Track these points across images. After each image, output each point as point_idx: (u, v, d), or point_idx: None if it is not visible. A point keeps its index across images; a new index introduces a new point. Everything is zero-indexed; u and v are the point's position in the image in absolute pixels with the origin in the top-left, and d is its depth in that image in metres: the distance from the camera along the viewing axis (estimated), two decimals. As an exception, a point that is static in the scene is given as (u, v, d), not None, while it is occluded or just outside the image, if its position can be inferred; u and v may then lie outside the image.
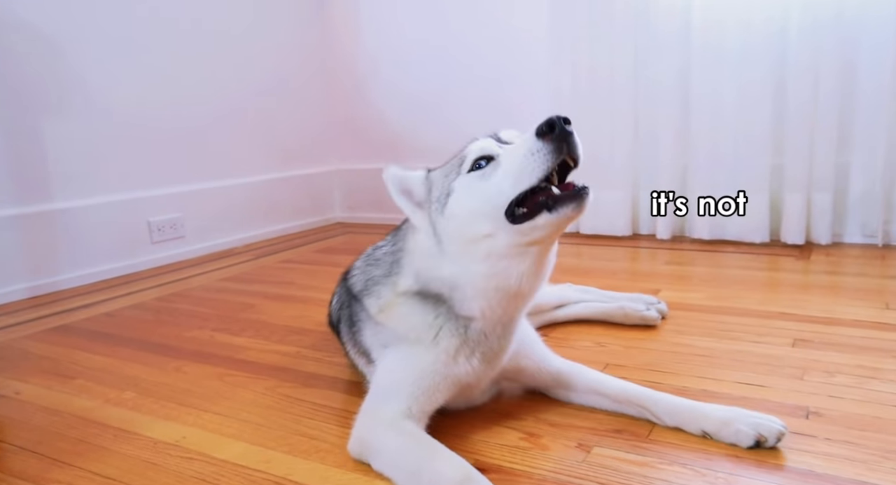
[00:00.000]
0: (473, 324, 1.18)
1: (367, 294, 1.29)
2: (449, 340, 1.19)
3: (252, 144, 3.49)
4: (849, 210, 2.63)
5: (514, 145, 1.09)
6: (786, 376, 1.43)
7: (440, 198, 1.16)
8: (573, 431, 1.24)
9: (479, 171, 1.10)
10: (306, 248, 3.29)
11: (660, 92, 2.84)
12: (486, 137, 1.18)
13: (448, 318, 1.19)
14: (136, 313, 2.24)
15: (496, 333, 1.21)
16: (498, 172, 1.07)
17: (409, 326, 1.21)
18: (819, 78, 2.50)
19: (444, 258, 1.15)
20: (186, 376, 1.64)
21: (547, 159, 1.00)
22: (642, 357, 1.60)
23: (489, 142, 1.14)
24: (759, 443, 1.13)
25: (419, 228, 1.20)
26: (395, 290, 1.25)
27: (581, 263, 2.69)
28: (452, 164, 1.17)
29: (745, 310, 1.90)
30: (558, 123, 0.99)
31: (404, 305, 1.22)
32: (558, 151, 1.00)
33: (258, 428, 1.33)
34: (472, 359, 1.20)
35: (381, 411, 1.15)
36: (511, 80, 3.29)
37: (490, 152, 1.11)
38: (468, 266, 1.12)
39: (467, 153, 1.14)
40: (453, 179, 1.14)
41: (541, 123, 1.01)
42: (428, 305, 1.20)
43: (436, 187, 1.19)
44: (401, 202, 1.21)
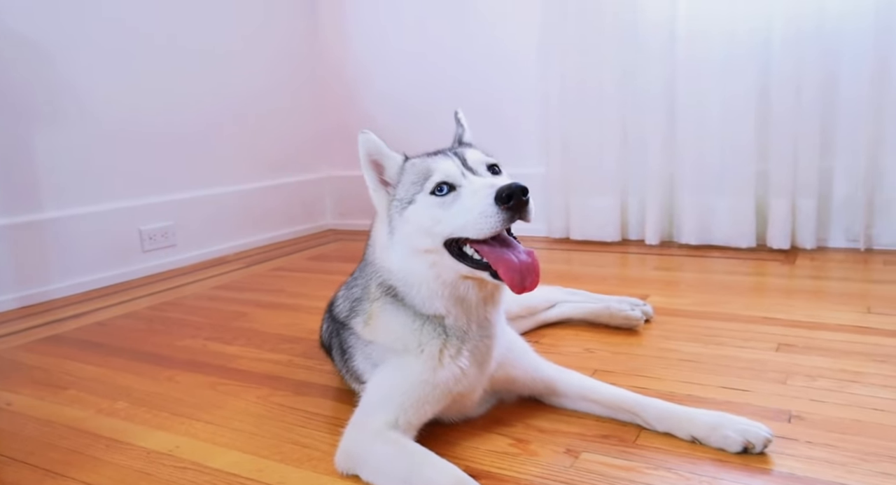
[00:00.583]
0: (448, 321, 1.22)
1: (353, 316, 1.33)
2: (431, 342, 1.21)
3: (243, 152, 3.50)
4: (832, 215, 2.68)
5: (475, 189, 1.11)
6: (769, 380, 1.46)
7: (403, 199, 1.20)
8: (562, 436, 1.26)
9: (438, 197, 1.14)
10: (298, 255, 3.30)
11: (647, 101, 2.88)
12: (454, 155, 1.20)
13: (426, 319, 1.22)
14: (128, 323, 2.25)
15: (473, 329, 1.24)
16: (453, 208, 1.12)
17: (393, 335, 1.24)
18: (801, 87, 2.55)
19: (393, 252, 1.22)
20: (179, 385, 1.65)
21: (497, 223, 1.06)
22: (630, 363, 1.62)
23: (454, 169, 1.16)
24: (746, 449, 1.16)
25: (377, 209, 1.25)
26: (371, 297, 1.28)
27: (571, 268, 2.72)
28: (420, 172, 1.19)
29: (731, 315, 1.93)
30: (516, 195, 1.04)
31: (383, 311, 1.26)
32: (510, 220, 1.06)
33: (251, 437, 1.34)
34: (459, 359, 1.21)
35: (368, 422, 1.16)
36: (501, 89, 3.33)
37: (452, 181, 1.15)
38: (414, 267, 1.19)
39: (434, 170, 1.17)
40: (416, 191, 1.18)
41: (502, 188, 1.04)
42: (404, 309, 1.23)
43: (403, 184, 1.22)
44: (367, 173, 1.25)
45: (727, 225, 2.78)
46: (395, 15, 3.62)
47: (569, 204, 3.14)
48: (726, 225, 2.78)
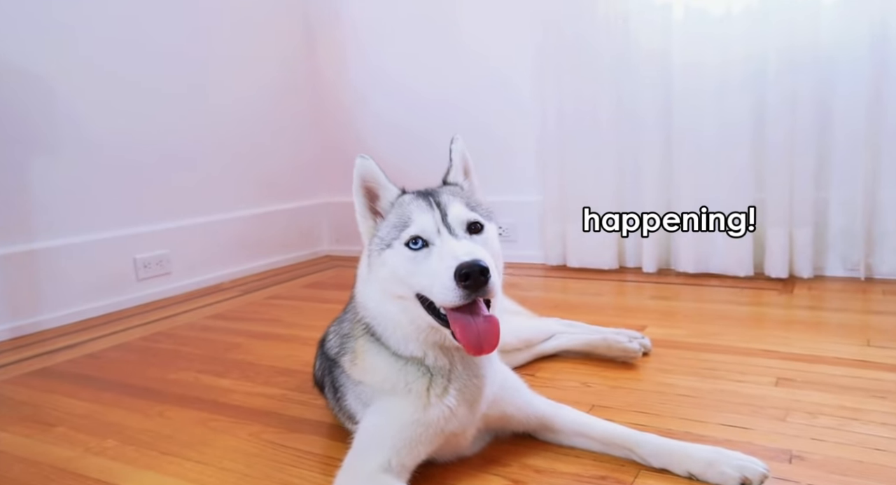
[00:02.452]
0: (427, 361, 1.21)
1: (342, 353, 1.32)
2: (417, 381, 1.20)
3: (239, 179, 3.51)
4: (829, 244, 2.68)
5: (442, 256, 1.09)
6: (769, 417, 1.44)
7: (383, 239, 1.19)
8: (558, 477, 1.24)
9: (412, 250, 1.14)
10: (294, 282, 3.28)
11: (643, 130, 2.89)
12: (436, 206, 1.18)
13: (407, 359, 1.21)
14: (120, 354, 2.22)
15: (459, 369, 1.22)
16: (423, 266, 1.12)
17: (380, 375, 1.22)
18: (796, 118, 2.57)
19: (371, 289, 1.22)
20: (169, 421, 1.62)
21: (456, 299, 1.06)
22: (627, 398, 1.60)
23: (430, 225, 1.15)
24: None
25: (362, 237, 1.25)
26: (355, 335, 1.28)
27: (568, 297, 2.70)
28: (400, 218, 1.18)
29: (729, 347, 1.91)
30: (474, 275, 1.04)
31: (367, 351, 1.25)
32: (468, 297, 1.06)
33: (241, 478, 1.31)
34: (447, 398, 1.20)
35: (360, 466, 1.14)
36: (497, 117, 3.34)
37: (427, 238, 1.14)
38: (389, 309, 1.20)
39: (411, 221, 1.16)
40: (395, 237, 1.17)
41: (461, 265, 1.04)
42: (385, 349, 1.23)
43: (387, 223, 1.21)
44: (358, 199, 1.25)
45: (724, 253, 2.77)
46: (390, 40, 3.65)
47: (565, 231, 3.14)
48: (724, 253, 2.77)
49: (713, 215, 2.76)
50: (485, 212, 1.25)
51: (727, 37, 2.65)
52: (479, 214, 1.21)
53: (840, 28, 2.50)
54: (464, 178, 1.31)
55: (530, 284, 2.94)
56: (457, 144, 1.29)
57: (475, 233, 1.18)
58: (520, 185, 3.33)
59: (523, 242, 3.35)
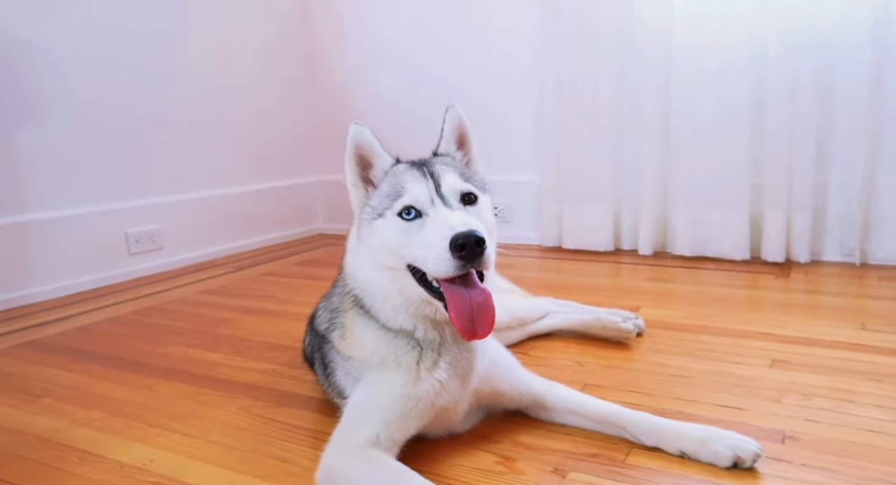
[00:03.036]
0: (417, 334, 1.19)
1: (332, 329, 1.30)
2: (407, 354, 1.18)
3: (233, 155, 3.46)
4: (827, 229, 2.66)
5: (436, 226, 1.07)
6: (763, 398, 1.43)
7: (375, 208, 1.17)
8: (549, 454, 1.23)
9: (405, 221, 1.12)
10: (287, 260, 3.25)
11: (642, 111, 2.86)
12: (429, 176, 1.15)
13: (396, 332, 1.19)
14: (111, 328, 2.20)
15: (449, 342, 1.20)
16: (416, 237, 1.09)
17: (369, 349, 1.20)
18: (797, 101, 2.53)
19: (360, 259, 1.20)
20: (158, 394, 1.61)
21: (450, 269, 1.04)
22: (621, 377, 1.59)
23: (424, 195, 1.12)
24: (736, 464, 1.14)
25: (353, 207, 1.23)
26: (344, 308, 1.25)
27: (563, 278, 2.69)
28: (394, 187, 1.16)
29: (724, 329, 1.90)
30: (469, 246, 1.02)
31: (355, 324, 1.23)
32: (463, 268, 1.04)
33: (229, 450, 1.30)
34: (437, 371, 1.18)
35: (348, 440, 1.12)
36: (496, 96, 3.30)
37: (420, 208, 1.12)
38: (378, 280, 1.17)
39: (405, 190, 1.13)
40: (387, 207, 1.15)
41: (457, 235, 1.02)
42: (374, 322, 1.21)
43: (380, 192, 1.18)
44: (350, 167, 1.22)
45: (721, 237, 2.75)
46: (389, 15, 3.58)
47: (562, 213, 3.12)
48: (720, 237, 2.76)
49: (711, 198, 2.74)
50: (479, 183, 1.22)
51: (728, 18, 2.60)
52: (474, 186, 1.18)
53: (841, 12, 2.46)
54: (456, 149, 1.28)
55: (525, 264, 2.92)
56: (450, 113, 1.25)
57: (469, 204, 1.16)
58: (517, 165, 3.30)
59: (519, 223, 3.33)
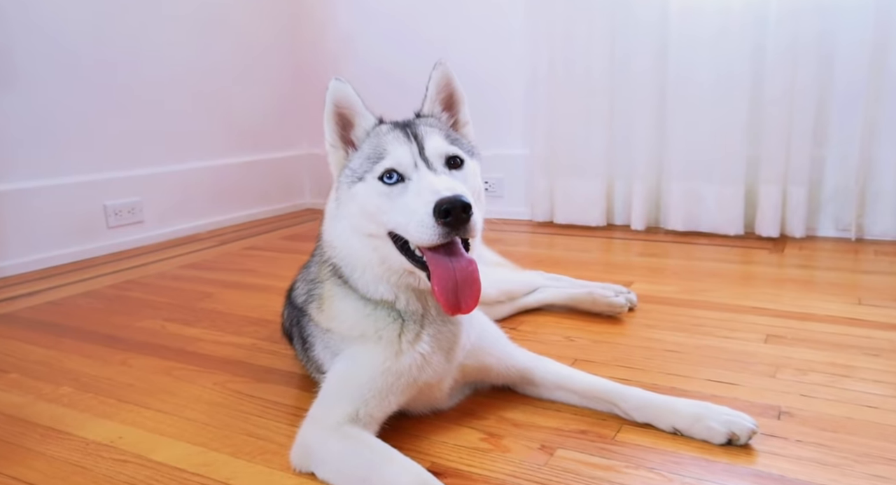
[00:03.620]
0: (399, 305, 1.13)
1: (310, 301, 1.23)
2: (388, 327, 1.12)
3: (218, 126, 3.36)
4: (823, 204, 2.61)
5: (419, 190, 1.01)
6: (758, 373, 1.39)
7: (355, 171, 1.10)
8: (536, 431, 1.18)
9: (386, 185, 1.05)
10: (273, 234, 3.18)
11: (636, 80, 2.77)
12: (413, 139, 1.08)
13: (377, 303, 1.13)
14: (86, 302, 2.13)
15: (433, 313, 1.14)
16: (398, 202, 1.03)
17: (348, 321, 1.14)
18: (797, 69, 2.46)
19: (339, 225, 1.14)
20: (131, 369, 1.54)
21: (434, 237, 0.97)
22: (612, 352, 1.54)
23: (407, 157, 1.06)
24: (730, 441, 1.09)
25: (331, 169, 1.16)
26: (323, 278, 1.19)
27: (553, 253, 2.63)
28: (375, 149, 1.09)
29: (718, 304, 1.85)
30: (455, 211, 0.95)
31: (336, 296, 1.17)
32: (447, 235, 0.97)
33: (202, 427, 1.24)
34: (419, 344, 1.12)
35: (325, 416, 1.07)
36: (488, 64, 3.19)
37: (402, 171, 1.05)
38: (357, 248, 1.11)
39: (387, 152, 1.07)
40: (367, 170, 1.08)
41: (441, 200, 0.95)
42: (353, 292, 1.15)
43: (360, 154, 1.11)
44: (329, 126, 1.15)
45: (715, 211, 2.70)
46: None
47: (553, 187, 3.05)
48: (714, 211, 2.70)
49: (706, 171, 2.68)
50: (467, 147, 1.15)
51: (728, -21, 2.51)
52: (461, 149, 1.11)
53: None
54: (443, 110, 1.20)
55: (515, 239, 2.86)
56: (437, 71, 1.17)
57: (455, 168, 1.09)
58: (507, 138, 3.22)
59: (509, 198, 3.26)
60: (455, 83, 1.19)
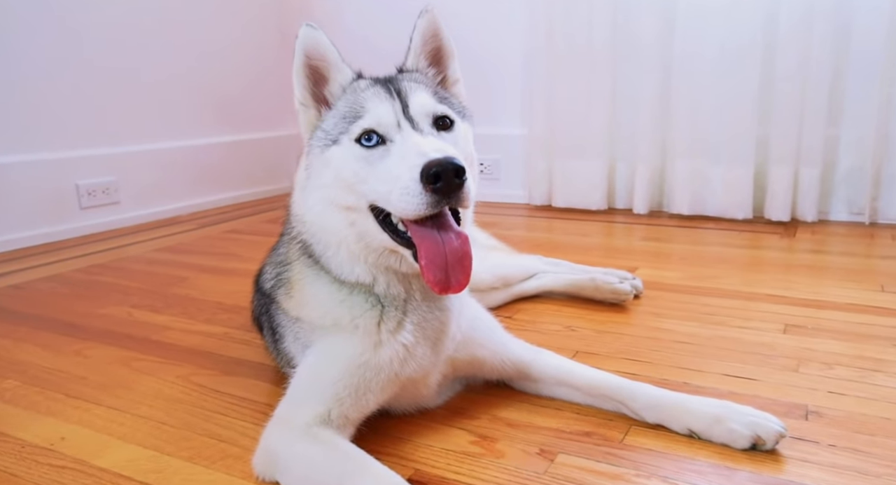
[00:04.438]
0: (378, 289, 0.99)
1: (278, 286, 1.09)
2: (365, 314, 0.98)
3: (200, 102, 3.18)
4: (835, 186, 2.47)
5: (404, 153, 0.87)
6: (779, 367, 1.26)
7: (329, 133, 0.96)
8: (534, 432, 1.05)
9: (364, 148, 0.91)
10: (256, 218, 3.02)
11: (639, 55, 2.62)
12: (395, 96, 0.94)
13: (353, 286, 0.99)
14: (50, 286, 1.98)
15: (417, 299, 1.00)
16: (379, 168, 0.89)
17: (320, 308, 1.00)
18: (811, 41, 2.30)
19: (309, 195, 0.98)
20: (87, 360, 1.40)
21: (420, 206, 0.83)
22: (616, 343, 1.41)
23: (389, 116, 0.91)
24: (755, 445, 0.96)
25: (301, 131, 1.02)
26: (291, 258, 1.05)
27: (552, 237, 2.49)
28: (352, 106, 0.95)
29: (729, 291, 1.72)
30: (446, 175, 0.81)
31: (306, 279, 1.02)
32: (436, 204, 0.83)
33: (157, 427, 1.10)
34: (401, 334, 0.98)
35: (293, 417, 0.93)
36: (484, 38, 3.02)
37: (383, 132, 0.91)
38: (331, 222, 0.96)
39: (365, 110, 0.93)
40: (343, 131, 0.93)
41: (430, 163, 0.81)
42: (325, 274, 1.00)
43: (335, 113, 0.97)
44: (299, 80, 0.99)
45: (722, 194, 2.56)
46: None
47: (552, 169, 2.90)
48: (721, 194, 2.56)
49: (712, 152, 2.54)
50: (457, 107, 1.01)
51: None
52: (451, 108, 0.97)
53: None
54: (429, 65, 1.05)
55: (511, 223, 2.72)
56: (422, 20, 1.02)
57: (444, 130, 0.95)
58: (503, 116, 3.06)
59: (506, 181, 3.11)
60: (444, 34, 1.04)
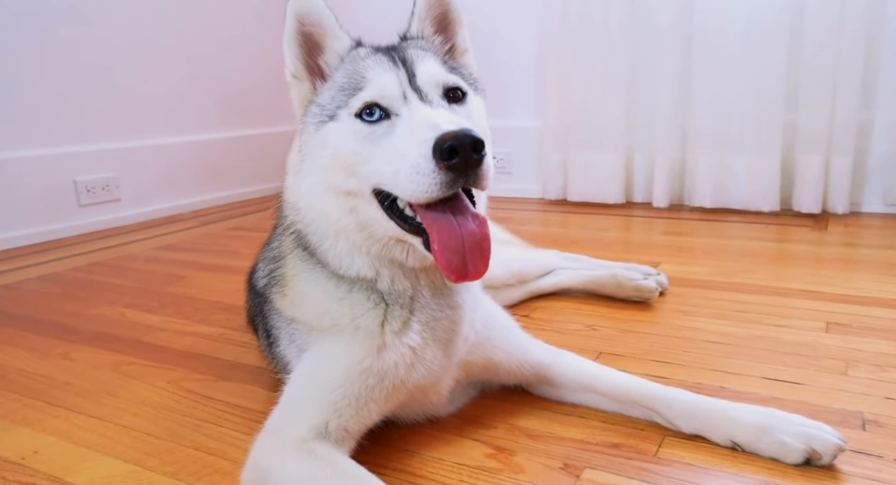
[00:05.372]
0: (381, 285, 0.88)
1: (272, 284, 0.98)
2: (367, 313, 0.87)
3: (203, 96, 3.10)
4: (869, 175, 2.34)
5: (412, 127, 0.76)
6: (825, 369, 1.14)
7: (325, 107, 0.85)
8: (557, 444, 0.94)
9: (366, 123, 0.80)
10: (261, 214, 2.93)
11: (658, 39, 2.49)
12: (400, 63, 0.83)
13: (353, 281, 0.88)
14: (42, 286, 1.89)
15: (425, 295, 0.89)
16: (383, 145, 0.78)
17: (316, 307, 0.89)
18: (843, 16, 2.15)
19: (303, 179, 0.87)
20: (73, 364, 1.31)
21: (433, 187, 0.72)
22: (642, 344, 1.30)
23: (393, 87, 0.81)
24: (809, 460, 0.85)
25: (293, 102, 0.91)
26: (285, 251, 0.94)
27: (568, 232, 2.38)
28: (351, 77, 0.84)
29: (761, 287, 1.60)
30: (463, 149, 0.70)
31: (300, 274, 0.92)
32: (451, 184, 0.72)
33: (141, 438, 1.00)
34: (408, 335, 0.87)
35: (287, 430, 0.82)
36: (495, 25, 2.91)
37: (388, 105, 0.80)
38: (328, 208, 0.86)
39: (367, 81, 0.82)
40: (342, 104, 0.83)
41: (444, 135, 0.70)
42: (322, 269, 0.90)
43: (332, 85, 0.86)
44: (290, 49, 0.88)
45: (747, 185, 2.43)
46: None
47: (567, 161, 2.78)
48: (746, 185, 2.43)
49: (736, 140, 2.41)
50: (469, 78, 0.90)
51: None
52: (462, 78, 0.86)
53: None
54: (435, 32, 0.95)
55: (525, 218, 2.61)
56: None
57: (455, 102, 0.84)
58: (516, 108, 2.95)
59: (519, 175, 3.00)
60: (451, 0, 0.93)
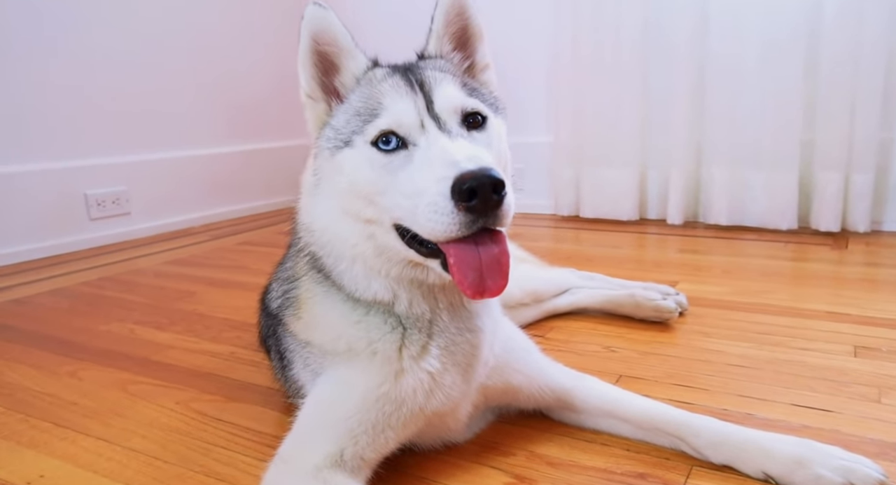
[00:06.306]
0: (399, 309, 0.85)
1: (286, 306, 0.96)
2: (384, 338, 0.84)
3: (215, 109, 3.10)
4: (890, 193, 2.29)
5: (430, 159, 0.74)
6: (857, 396, 1.10)
7: (340, 132, 0.83)
8: (579, 473, 0.90)
9: (383, 153, 0.78)
10: (271, 229, 2.92)
11: (672, 54, 2.48)
12: (418, 89, 0.81)
13: (370, 305, 0.85)
14: (52, 301, 1.88)
15: (444, 319, 0.86)
16: (400, 177, 0.76)
17: (331, 331, 0.87)
18: (862, 29, 2.12)
19: (318, 202, 0.86)
20: (80, 383, 1.28)
21: (452, 227, 0.71)
22: (663, 367, 1.26)
23: (410, 115, 0.78)
24: (847, 496, 0.82)
25: (308, 122, 0.89)
26: (299, 274, 0.91)
27: (581, 249, 2.34)
28: (368, 101, 0.82)
29: (782, 307, 1.56)
30: (483, 192, 0.68)
31: (315, 297, 0.89)
32: (470, 225, 0.70)
33: (149, 463, 0.97)
34: (426, 360, 0.84)
35: (300, 457, 0.80)
36: (507, 40, 2.89)
37: (405, 134, 0.78)
38: (345, 232, 0.84)
39: (383, 108, 0.80)
40: (357, 130, 0.80)
41: (463, 176, 0.68)
42: (338, 292, 0.87)
43: (348, 107, 0.84)
44: (305, 69, 0.86)
45: (764, 203, 2.39)
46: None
47: (579, 177, 2.76)
48: (763, 203, 2.40)
49: (753, 157, 2.38)
50: (490, 99, 0.88)
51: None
52: (482, 101, 0.84)
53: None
54: (453, 49, 0.92)
55: (537, 234, 2.58)
56: None
57: (475, 128, 0.81)
58: (528, 124, 2.93)
59: (531, 190, 2.97)
60: (471, 12, 0.90)
